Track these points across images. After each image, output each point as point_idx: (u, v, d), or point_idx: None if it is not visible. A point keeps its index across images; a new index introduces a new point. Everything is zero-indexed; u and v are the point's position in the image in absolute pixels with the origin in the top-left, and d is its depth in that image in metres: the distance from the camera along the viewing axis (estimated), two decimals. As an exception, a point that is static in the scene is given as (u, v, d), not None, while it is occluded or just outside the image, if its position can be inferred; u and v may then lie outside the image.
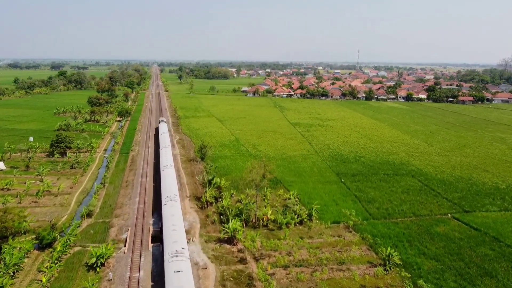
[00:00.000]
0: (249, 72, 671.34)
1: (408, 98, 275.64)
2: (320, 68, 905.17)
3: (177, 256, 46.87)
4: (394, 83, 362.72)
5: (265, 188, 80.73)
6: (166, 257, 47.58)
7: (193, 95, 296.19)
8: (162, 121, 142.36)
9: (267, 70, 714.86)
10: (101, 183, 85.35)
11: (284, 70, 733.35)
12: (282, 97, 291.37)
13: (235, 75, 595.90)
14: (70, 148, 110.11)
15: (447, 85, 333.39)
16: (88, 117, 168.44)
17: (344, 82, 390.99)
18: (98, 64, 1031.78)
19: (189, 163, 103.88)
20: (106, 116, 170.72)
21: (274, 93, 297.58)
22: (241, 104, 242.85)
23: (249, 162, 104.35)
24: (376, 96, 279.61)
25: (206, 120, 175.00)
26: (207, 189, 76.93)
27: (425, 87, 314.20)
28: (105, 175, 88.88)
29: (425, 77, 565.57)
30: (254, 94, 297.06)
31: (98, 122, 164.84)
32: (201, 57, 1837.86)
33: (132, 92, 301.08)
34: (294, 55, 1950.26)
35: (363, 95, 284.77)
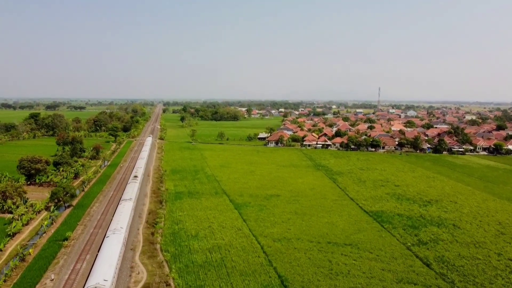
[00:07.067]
0: (260, 112, 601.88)
1: (496, 150, 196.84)
2: (334, 107, 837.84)
3: None
4: (448, 126, 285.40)
5: None
6: None
7: (195, 144, 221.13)
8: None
9: (280, 109, 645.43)
10: None
11: (299, 110, 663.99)
12: (316, 148, 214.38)
13: (246, 116, 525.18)
14: None
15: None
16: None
17: (381, 125, 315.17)
18: (101, 104, 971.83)
19: None
20: (25, 204, 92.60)
21: (304, 142, 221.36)
22: (264, 161, 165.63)
23: None
24: (448, 148, 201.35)
25: (211, 205, 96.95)
26: None
27: (501, 133, 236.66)
28: None
29: (464, 117, 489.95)
30: (277, 143, 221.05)
31: (11, 213, 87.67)
32: (209, 96, 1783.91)
33: (115, 141, 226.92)
34: (302, 93, 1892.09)
35: (428, 145, 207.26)
